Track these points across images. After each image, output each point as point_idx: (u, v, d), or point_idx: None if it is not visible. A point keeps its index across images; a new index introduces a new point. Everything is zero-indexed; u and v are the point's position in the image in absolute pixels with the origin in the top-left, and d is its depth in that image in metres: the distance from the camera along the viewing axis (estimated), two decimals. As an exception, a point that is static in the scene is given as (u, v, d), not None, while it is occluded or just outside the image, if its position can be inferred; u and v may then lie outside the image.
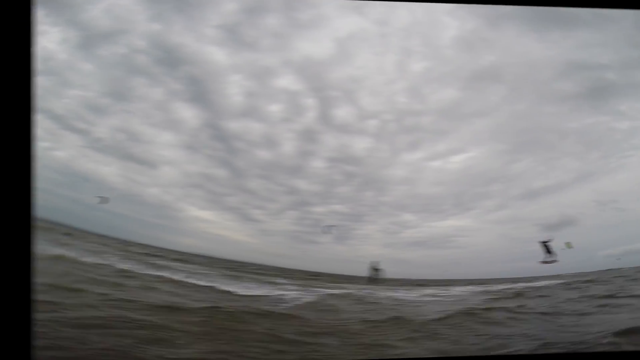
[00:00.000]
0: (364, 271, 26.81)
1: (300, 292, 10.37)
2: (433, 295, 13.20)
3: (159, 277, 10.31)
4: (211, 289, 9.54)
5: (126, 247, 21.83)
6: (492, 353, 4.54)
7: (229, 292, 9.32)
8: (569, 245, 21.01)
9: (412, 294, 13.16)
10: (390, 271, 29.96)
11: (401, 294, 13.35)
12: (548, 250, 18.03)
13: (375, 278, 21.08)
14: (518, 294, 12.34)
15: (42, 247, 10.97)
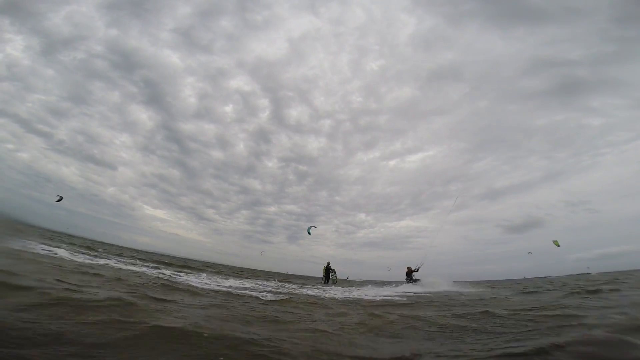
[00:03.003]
0: (317, 271, 26.04)
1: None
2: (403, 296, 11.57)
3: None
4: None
5: (80, 242, 21.26)
6: None
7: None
8: (556, 243, 20.20)
9: (375, 296, 11.43)
10: (344, 272, 29.18)
11: (368, 295, 11.52)
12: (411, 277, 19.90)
13: (328, 278, 20.23)
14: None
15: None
